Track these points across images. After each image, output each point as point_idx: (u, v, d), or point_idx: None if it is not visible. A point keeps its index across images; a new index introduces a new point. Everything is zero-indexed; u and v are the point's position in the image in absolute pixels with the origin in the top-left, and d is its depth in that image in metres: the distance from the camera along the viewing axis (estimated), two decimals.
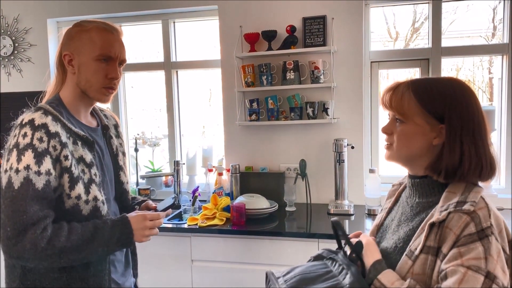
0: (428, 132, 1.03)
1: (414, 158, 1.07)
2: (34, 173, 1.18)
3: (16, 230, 1.15)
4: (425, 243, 0.97)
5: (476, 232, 0.91)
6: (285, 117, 2.69)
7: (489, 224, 0.92)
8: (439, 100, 1.02)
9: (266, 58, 2.72)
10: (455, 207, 0.95)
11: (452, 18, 2.78)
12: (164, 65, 3.06)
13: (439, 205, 1.00)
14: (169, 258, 2.36)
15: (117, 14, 2.98)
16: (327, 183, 2.72)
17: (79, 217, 1.28)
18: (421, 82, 1.06)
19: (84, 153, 1.31)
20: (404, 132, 1.06)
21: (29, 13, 3.12)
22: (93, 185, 1.31)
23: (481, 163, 1.00)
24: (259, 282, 2.24)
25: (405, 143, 1.06)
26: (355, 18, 2.61)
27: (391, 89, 1.09)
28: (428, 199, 1.07)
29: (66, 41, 1.36)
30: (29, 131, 1.20)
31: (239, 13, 2.76)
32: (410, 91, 1.04)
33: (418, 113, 1.03)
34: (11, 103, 3.19)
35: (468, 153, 0.99)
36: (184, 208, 2.59)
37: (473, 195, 0.97)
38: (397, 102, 1.06)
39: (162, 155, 3.31)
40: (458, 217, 0.94)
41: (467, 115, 1.00)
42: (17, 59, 3.16)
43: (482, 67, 3.02)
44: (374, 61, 2.75)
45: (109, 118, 1.60)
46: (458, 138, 0.99)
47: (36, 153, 1.19)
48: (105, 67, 1.34)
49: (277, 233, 2.23)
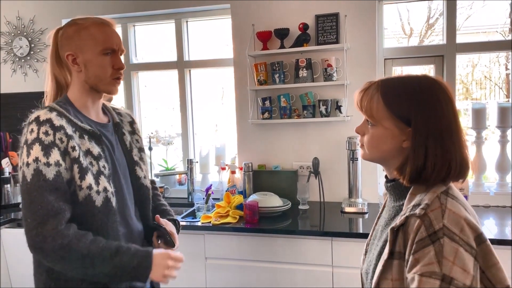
0: (397, 135, 1.01)
1: (386, 159, 1.07)
2: (43, 165, 1.21)
3: (35, 221, 1.18)
4: (392, 249, 0.96)
5: (428, 236, 0.89)
6: (298, 115, 2.68)
7: (441, 225, 0.89)
8: (405, 104, 1.00)
9: (279, 56, 2.71)
10: (410, 210, 0.95)
11: (468, 13, 2.74)
12: (177, 64, 3.08)
13: (403, 209, 1.00)
14: (183, 255, 2.37)
15: (130, 14, 3.01)
16: (340, 181, 2.71)
17: (93, 209, 1.29)
18: (390, 84, 1.04)
19: (91, 146, 1.33)
20: (374, 135, 1.05)
21: (44, 14, 3.16)
22: (102, 176, 1.32)
23: (448, 166, 0.97)
24: (272, 280, 2.25)
25: (374, 146, 1.06)
26: (368, 15, 2.59)
27: (364, 90, 1.07)
28: (400, 203, 1.06)
29: (64, 42, 1.36)
30: (35, 127, 1.25)
31: (251, 12, 2.77)
32: (379, 94, 1.03)
33: (386, 117, 1.02)
34: (28, 103, 3.22)
35: (432, 157, 0.96)
36: (197, 206, 2.61)
37: (429, 196, 0.96)
38: (366, 105, 1.05)
39: (175, 154, 3.33)
40: (413, 221, 0.93)
41: (435, 116, 0.97)
42: (33, 60, 3.21)
43: (499, 63, 2.97)
44: (388, 58, 2.72)
45: (124, 115, 1.61)
46: (423, 142, 0.97)
47: (43, 145, 1.22)
48: (110, 60, 1.37)
49: (290, 231, 2.23)
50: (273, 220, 2.38)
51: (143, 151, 1.61)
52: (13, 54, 3.23)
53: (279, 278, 2.24)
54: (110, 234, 1.32)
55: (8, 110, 3.28)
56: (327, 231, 2.19)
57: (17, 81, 3.25)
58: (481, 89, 3.19)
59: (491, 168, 2.57)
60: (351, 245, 2.12)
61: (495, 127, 2.54)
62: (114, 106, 1.61)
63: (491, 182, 2.66)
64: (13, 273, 2.60)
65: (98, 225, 1.30)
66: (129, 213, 1.45)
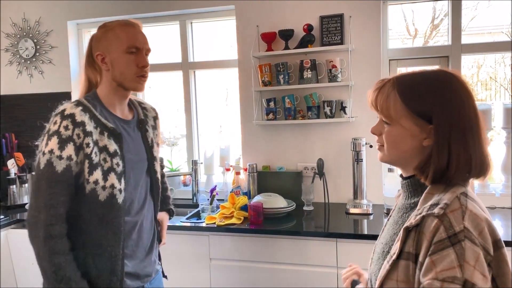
0: (417, 133, 0.96)
1: (406, 159, 1.01)
2: (56, 157, 1.32)
3: (35, 204, 1.34)
4: (402, 248, 0.92)
5: (448, 238, 0.84)
6: (303, 116, 2.68)
7: (462, 227, 0.84)
8: (426, 100, 0.95)
9: (283, 57, 2.71)
10: (428, 210, 0.89)
11: (473, 14, 2.73)
12: (182, 66, 3.09)
13: (417, 207, 0.96)
14: (187, 256, 2.38)
15: (135, 15, 3.02)
16: (345, 182, 2.70)
17: (96, 203, 1.39)
18: (407, 81, 0.99)
19: (109, 143, 1.41)
20: (392, 135, 1.00)
21: (50, 15, 3.18)
22: (112, 173, 1.41)
23: (469, 164, 0.93)
24: (277, 281, 2.24)
25: (394, 146, 1.00)
26: (373, 16, 2.59)
27: (378, 89, 1.02)
28: (411, 200, 1.02)
29: (95, 43, 1.48)
30: (58, 120, 1.36)
31: (255, 13, 2.77)
32: (395, 92, 0.98)
33: (405, 115, 0.96)
34: (34, 104, 3.27)
35: (456, 155, 0.92)
36: (202, 207, 2.61)
37: (448, 196, 0.90)
38: (382, 105, 0.99)
39: (180, 155, 3.33)
40: (430, 221, 0.87)
41: (458, 113, 0.93)
42: (38, 61, 3.23)
43: (504, 63, 2.95)
44: (393, 59, 2.72)
45: (149, 110, 1.70)
46: (446, 140, 0.92)
47: (60, 139, 1.33)
48: (135, 58, 1.46)
49: (295, 232, 2.23)
50: (278, 221, 2.38)
51: (159, 146, 1.71)
52: (19, 56, 3.24)
53: (284, 279, 2.23)
54: (110, 227, 1.41)
55: (14, 112, 3.31)
56: (331, 232, 2.18)
57: (23, 82, 3.27)
58: (487, 90, 3.17)
59: (496, 169, 2.56)
60: (356, 246, 2.12)
61: (500, 128, 2.53)
62: (140, 100, 1.70)
63: (497, 183, 2.64)
64: (19, 273, 2.61)
65: (99, 218, 1.40)
66: (141, 206, 1.54)
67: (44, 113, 3.14)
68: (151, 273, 1.61)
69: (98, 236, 1.41)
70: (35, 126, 3.26)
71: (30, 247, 1.33)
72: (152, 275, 1.62)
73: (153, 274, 1.63)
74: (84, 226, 1.41)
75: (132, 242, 1.50)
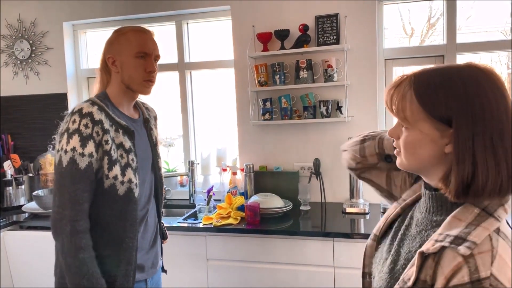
0: (437, 139, 0.83)
1: (427, 168, 0.88)
2: (79, 155, 1.38)
3: (60, 201, 1.38)
4: (418, 276, 0.80)
5: (470, 282, 0.72)
6: (299, 116, 2.69)
7: (488, 274, 0.72)
8: (444, 102, 0.81)
9: (279, 57, 2.72)
10: (451, 242, 0.77)
11: (469, 13, 2.73)
12: (178, 66, 3.09)
13: (438, 231, 0.83)
14: (184, 257, 2.38)
15: (131, 16, 3.02)
16: (341, 182, 2.71)
17: (115, 196, 1.45)
18: (425, 79, 0.85)
19: (124, 140, 1.49)
20: (409, 140, 0.88)
21: (45, 17, 3.17)
22: (129, 169, 1.48)
23: (501, 177, 0.78)
24: (274, 281, 2.25)
25: (411, 152, 0.88)
26: (368, 16, 2.59)
27: (394, 87, 0.90)
28: (433, 217, 0.89)
29: (107, 47, 1.55)
30: (77, 118, 1.41)
31: (251, 13, 2.77)
32: (412, 91, 0.85)
33: (423, 118, 0.84)
34: (30, 106, 3.26)
35: (483, 165, 0.78)
36: (199, 208, 2.61)
37: (478, 232, 0.77)
38: (398, 106, 0.88)
39: (176, 155, 3.33)
40: (451, 257, 0.76)
41: (483, 116, 0.78)
42: (34, 62, 3.22)
43: (500, 62, 2.96)
44: (388, 59, 2.72)
45: (150, 110, 1.80)
46: (469, 145, 0.79)
47: (81, 137, 1.39)
48: (143, 63, 1.53)
49: (292, 232, 2.23)
50: (275, 221, 2.39)
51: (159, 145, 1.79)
52: (15, 57, 3.24)
53: (281, 279, 2.24)
54: (128, 219, 1.48)
55: (10, 113, 3.30)
56: (328, 231, 2.19)
57: (19, 84, 3.26)
58: None
59: None
60: (352, 245, 2.12)
61: None
62: (142, 101, 1.77)
63: None
64: (16, 275, 2.61)
65: (118, 210, 1.47)
66: (147, 200, 1.63)
67: (41, 114, 3.18)
68: (155, 265, 1.69)
69: (117, 229, 1.47)
70: (32, 128, 3.27)
71: (27, 248, 1.34)
72: (156, 267, 1.70)
73: (156, 267, 1.71)
74: (103, 221, 1.47)
75: (139, 234, 1.57)
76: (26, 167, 3.14)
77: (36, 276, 2.54)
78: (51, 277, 1.55)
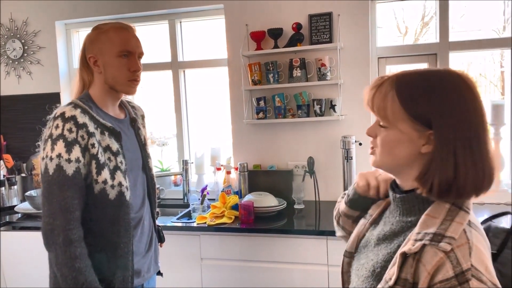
0: (415, 139, 0.87)
1: (401, 167, 0.92)
2: (65, 161, 1.32)
3: (50, 211, 1.32)
4: (399, 275, 0.83)
5: (455, 276, 0.77)
6: (293, 115, 2.69)
7: (469, 265, 0.78)
8: (424, 102, 0.85)
9: (273, 56, 2.71)
10: (431, 240, 0.81)
11: (463, 11, 2.74)
12: (172, 65, 3.08)
13: (415, 230, 0.86)
14: (178, 256, 2.37)
15: (124, 15, 3.00)
16: (335, 180, 2.71)
17: (106, 201, 1.40)
18: (407, 80, 0.90)
19: (111, 142, 1.44)
20: (387, 139, 0.91)
21: (37, 16, 3.15)
22: (118, 171, 1.43)
23: (478, 176, 0.84)
24: (268, 280, 2.25)
25: (388, 151, 0.91)
26: (362, 14, 2.60)
27: (375, 86, 0.93)
28: (407, 218, 0.93)
29: (88, 45, 1.49)
30: (60, 123, 1.35)
31: (245, 12, 2.77)
32: (394, 91, 0.88)
33: (403, 118, 0.87)
34: (22, 105, 3.24)
35: (463, 165, 0.83)
36: (193, 207, 2.60)
37: (454, 227, 0.82)
38: (379, 105, 0.91)
39: (170, 155, 3.32)
40: (433, 253, 0.80)
41: (462, 118, 0.84)
42: (26, 62, 3.20)
43: (494, 60, 2.98)
44: (382, 57, 2.73)
45: (137, 109, 1.73)
46: (451, 147, 0.83)
47: (66, 142, 1.33)
48: (127, 62, 1.47)
49: (286, 230, 2.23)
50: (269, 220, 2.39)
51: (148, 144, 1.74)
52: (7, 57, 3.21)
53: (275, 278, 2.24)
54: (122, 224, 1.43)
55: (2, 113, 3.27)
56: (322, 230, 2.19)
57: (11, 83, 3.24)
58: None
59: None
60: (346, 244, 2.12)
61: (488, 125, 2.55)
62: (128, 100, 1.71)
63: None
64: (8, 275, 2.59)
65: (110, 215, 1.42)
66: (141, 203, 1.58)
67: (33, 114, 3.16)
68: (150, 269, 1.65)
69: (111, 235, 1.43)
70: (24, 128, 3.24)
71: (19, 249, 1.31)
72: (151, 272, 1.66)
73: (152, 271, 1.67)
74: (96, 227, 1.42)
75: (135, 238, 1.53)
76: (19, 167, 3.13)
77: (28, 276, 2.52)
78: (44, 278, 1.54)
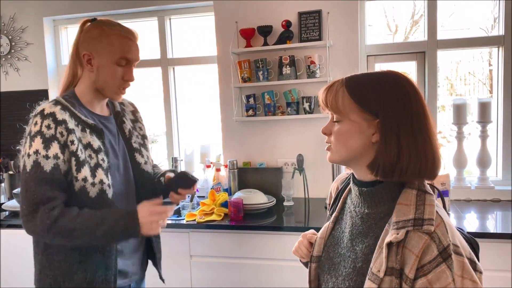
0: (365, 129, 0.97)
1: (355, 158, 1.00)
2: (43, 157, 1.31)
3: (30, 208, 1.30)
4: (387, 265, 0.90)
5: (439, 254, 0.86)
6: (282, 112, 2.69)
7: (448, 241, 0.88)
8: (372, 94, 0.96)
9: (262, 54, 2.71)
10: (413, 225, 0.90)
11: (453, 10, 2.76)
12: (161, 62, 3.07)
13: (392, 220, 0.94)
14: (168, 254, 2.36)
15: (113, 11, 2.98)
16: (324, 177, 2.72)
17: (87, 200, 1.37)
18: (356, 78, 1.01)
19: (92, 140, 1.41)
20: (341, 131, 1.00)
21: (25, 12, 3.12)
22: (100, 169, 1.40)
23: (420, 159, 0.93)
24: (258, 277, 2.25)
25: (342, 142, 1.00)
26: (351, 12, 2.60)
27: (328, 87, 1.03)
28: (377, 210, 1.00)
29: (86, 40, 1.43)
30: (39, 120, 1.34)
31: (234, 9, 2.76)
32: (344, 88, 0.99)
33: (353, 109, 0.97)
34: (10, 102, 3.20)
35: (406, 148, 0.92)
36: (182, 204, 2.60)
37: (428, 209, 0.92)
38: (332, 101, 1.00)
39: (160, 152, 3.31)
40: (417, 237, 0.89)
41: (405, 108, 0.94)
42: (14, 58, 3.16)
43: (482, 59, 3.00)
44: (370, 55, 2.74)
45: (126, 105, 1.69)
46: (394, 133, 0.93)
47: (44, 138, 1.32)
48: (122, 70, 1.45)
49: (275, 227, 2.24)
50: (258, 217, 2.39)
51: (146, 138, 1.70)
52: None
53: (265, 275, 2.25)
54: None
55: None
56: (312, 227, 2.18)
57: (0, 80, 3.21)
58: (465, 85, 3.22)
59: (472, 163, 2.60)
60: None
61: (475, 122, 2.58)
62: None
63: (473, 176, 2.69)
64: (2, 273, 2.57)
65: None
66: (130, 200, 1.55)
67: (21, 111, 3.13)
68: (137, 271, 1.61)
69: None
70: (12, 125, 3.21)
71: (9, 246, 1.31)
72: (138, 274, 1.62)
73: (139, 274, 1.64)
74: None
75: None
76: (6, 164, 3.09)
77: (16, 274, 2.50)
78: (30, 276, 1.53)
